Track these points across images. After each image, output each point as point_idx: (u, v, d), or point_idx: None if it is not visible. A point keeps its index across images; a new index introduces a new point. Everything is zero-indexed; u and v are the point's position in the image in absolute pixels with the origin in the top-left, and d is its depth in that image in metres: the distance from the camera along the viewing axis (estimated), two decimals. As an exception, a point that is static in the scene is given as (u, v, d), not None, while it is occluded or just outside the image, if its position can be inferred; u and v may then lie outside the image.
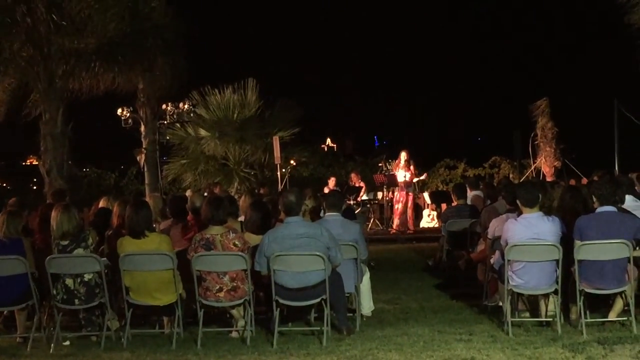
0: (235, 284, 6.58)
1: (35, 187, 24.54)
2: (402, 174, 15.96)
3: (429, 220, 17.25)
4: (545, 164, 19.63)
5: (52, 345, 6.60)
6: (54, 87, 15.97)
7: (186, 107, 19.49)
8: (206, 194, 10.98)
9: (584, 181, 14.30)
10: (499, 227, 7.13)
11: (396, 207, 16.16)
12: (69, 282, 6.70)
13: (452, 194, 11.07)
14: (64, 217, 6.78)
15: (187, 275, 6.65)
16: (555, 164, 19.63)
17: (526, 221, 6.57)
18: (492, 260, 7.31)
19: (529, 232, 6.51)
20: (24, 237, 7.12)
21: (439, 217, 15.89)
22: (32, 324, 6.78)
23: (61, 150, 16.21)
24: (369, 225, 16.47)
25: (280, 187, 16.62)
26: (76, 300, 6.71)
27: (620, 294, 6.48)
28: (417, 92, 35.22)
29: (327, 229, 6.68)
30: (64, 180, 16.02)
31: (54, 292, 6.70)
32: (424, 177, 18.00)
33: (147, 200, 8.52)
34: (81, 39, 15.94)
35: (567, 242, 6.49)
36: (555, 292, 6.52)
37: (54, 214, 6.85)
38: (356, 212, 13.08)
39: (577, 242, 6.37)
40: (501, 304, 6.90)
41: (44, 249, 7.31)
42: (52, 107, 16.02)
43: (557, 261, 6.43)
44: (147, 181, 19.77)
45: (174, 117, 19.56)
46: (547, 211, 6.71)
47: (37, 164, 18.67)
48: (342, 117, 32.65)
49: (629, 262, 6.37)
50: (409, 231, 15.92)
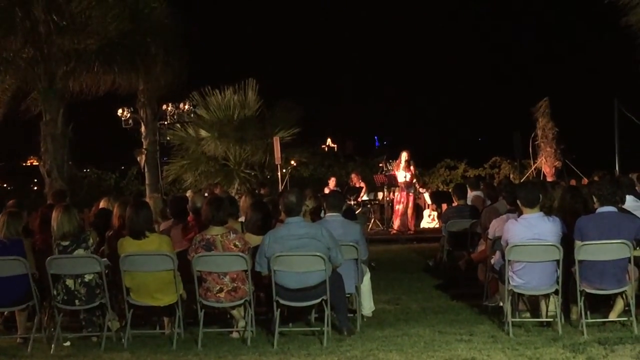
0: (235, 285, 6.58)
1: (35, 188, 24.52)
2: (402, 175, 15.95)
3: (429, 220, 17.25)
4: (545, 164, 19.62)
5: (52, 345, 6.60)
6: (54, 87, 15.97)
7: (186, 107, 19.48)
8: (206, 195, 10.97)
9: (585, 181, 14.32)
10: (499, 227, 7.12)
11: (397, 207, 16.15)
12: (70, 282, 6.70)
13: (452, 194, 11.06)
14: (65, 218, 6.78)
15: (188, 275, 6.65)
16: (555, 164, 19.62)
17: (527, 221, 6.57)
18: (492, 260, 7.31)
19: (529, 233, 6.51)
20: (24, 238, 7.12)
21: (439, 217, 15.88)
22: (33, 324, 6.78)
23: (61, 150, 16.22)
24: (369, 225, 16.46)
25: (280, 188, 16.62)
26: (77, 300, 6.72)
27: (620, 294, 6.48)
28: (418, 92, 35.23)
29: (328, 229, 6.67)
30: (64, 181, 16.03)
31: (55, 292, 6.70)
32: (419, 187, 17.82)
33: (147, 200, 8.52)
34: (81, 39, 15.94)
35: (567, 242, 6.49)
36: (555, 293, 6.51)
37: (54, 214, 6.86)
38: (357, 212, 13.09)
39: (578, 243, 6.37)
40: (502, 305, 6.90)
41: (44, 249, 7.31)
42: (52, 108, 16.03)
43: (558, 261, 6.42)
44: (147, 182, 19.77)
45: (175, 117, 19.55)
46: (548, 211, 6.71)
47: (37, 164, 18.69)
48: (342, 117, 32.61)
49: (630, 263, 6.37)
50: (409, 232, 15.92)
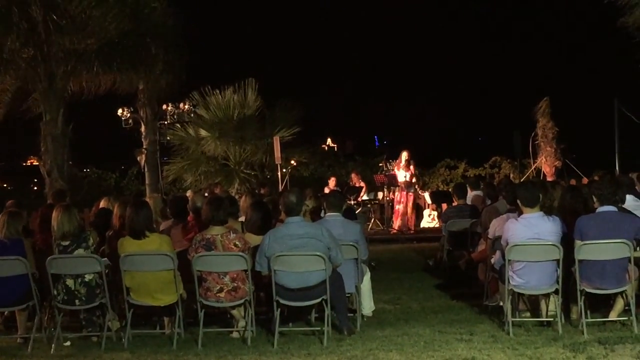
0: (235, 284, 6.58)
1: (35, 188, 24.52)
2: (402, 174, 15.95)
3: (429, 220, 17.24)
4: (545, 163, 19.60)
5: (52, 345, 6.61)
6: (54, 87, 15.96)
7: (186, 107, 19.48)
8: (207, 194, 10.97)
9: (585, 181, 14.32)
10: (499, 227, 7.12)
11: (397, 207, 16.16)
12: (70, 282, 6.70)
13: (452, 194, 11.07)
14: (65, 218, 6.78)
15: (188, 275, 6.65)
16: (555, 163, 19.59)
17: (527, 221, 6.57)
18: (492, 260, 7.31)
19: (529, 232, 6.51)
20: (24, 237, 7.13)
21: (439, 217, 15.88)
22: (33, 324, 6.79)
23: (62, 150, 16.21)
24: (369, 225, 16.46)
25: (280, 188, 16.62)
26: (77, 300, 6.72)
27: (620, 293, 6.48)
28: (418, 92, 35.23)
29: (328, 229, 6.68)
30: (64, 180, 16.03)
31: (55, 292, 6.70)
32: (418, 188, 17.76)
33: (147, 200, 8.52)
34: (81, 39, 15.93)
35: (567, 242, 6.49)
36: (555, 292, 6.51)
37: (54, 214, 6.86)
38: (357, 212, 13.08)
39: (578, 242, 6.37)
40: (502, 304, 6.90)
41: (44, 249, 7.32)
42: (52, 108, 16.02)
43: (558, 261, 6.43)
44: (147, 181, 19.76)
45: (175, 117, 19.55)
46: (548, 211, 6.71)
47: (37, 164, 18.68)
48: (342, 117, 32.64)
49: (630, 262, 6.37)
50: (410, 231, 15.92)
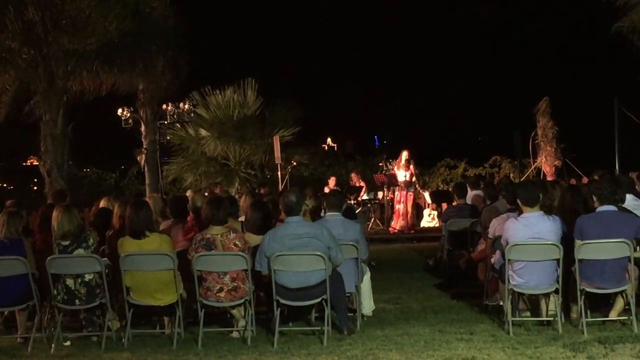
0: (235, 284, 6.58)
1: (35, 188, 24.53)
2: (402, 174, 15.95)
3: (429, 219, 17.24)
4: (545, 163, 19.59)
5: (52, 345, 6.60)
6: (54, 87, 15.97)
7: (186, 107, 19.47)
8: (206, 194, 10.97)
9: (585, 180, 14.30)
10: (499, 226, 7.12)
11: (397, 207, 16.16)
12: (70, 282, 6.70)
13: (452, 193, 11.07)
14: (65, 218, 6.78)
15: (188, 275, 6.65)
16: (555, 163, 19.58)
17: (527, 220, 6.57)
18: (492, 259, 7.31)
19: (529, 232, 6.51)
20: (24, 237, 7.12)
21: (439, 216, 15.87)
22: (33, 324, 6.78)
23: (61, 150, 16.22)
24: (369, 225, 16.46)
25: (280, 187, 16.62)
26: (77, 300, 6.72)
27: (620, 293, 6.48)
28: (418, 91, 35.25)
29: (328, 228, 6.67)
30: (64, 180, 16.05)
31: (55, 292, 6.70)
32: (419, 187, 17.72)
33: (147, 200, 8.51)
34: (81, 39, 15.93)
35: (567, 241, 6.49)
36: (555, 292, 6.51)
37: (54, 214, 6.86)
38: (357, 211, 13.08)
39: (578, 242, 6.37)
40: (502, 304, 6.90)
41: (44, 249, 7.31)
42: (52, 108, 16.03)
43: (558, 260, 6.42)
44: (147, 181, 19.76)
45: (174, 117, 19.54)
46: (548, 210, 6.71)
47: (37, 164, 18.68)
48: (342, 117, 32.62)
49: (630, 261, 6.37)
50: (410, 231, 15.92)
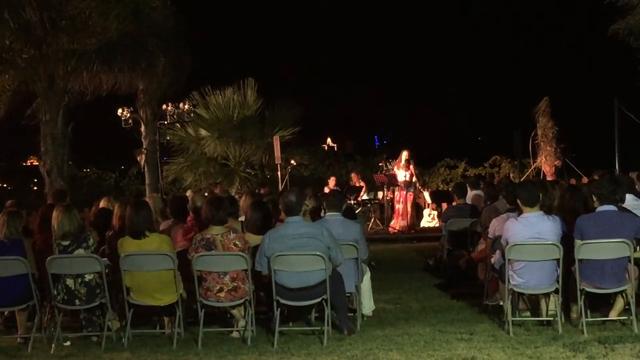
0: (235, 284, 6.58)
1: (35, 188, 24.53)
2: (402, 174, 15.95)
3: (429, 219, 17.24)
4: (545, 163, 19.60)
5: (52, 345, 6.61)
6: (54, 87, 15.96)
7: (186, 107, 19.46)
8: (206, 194, 10.97)
9: (585, 180, 14.30)
10: (499, 226, 7.13)
11: (397, 207, 16.16)
12: (70, 282, 6.70)
13: (452, 193, 11.07)
14: (65, 218, 6.78)
15: (188, 275, 6.65)
16: (555, 163, 19.59)
17: (527, 220, 6.57)
18: (492, 259, 7.31)
19: (529, 232, 6.51)
20: (24, 238, 7.12)
21: (439, 216, 15.88)
22: (33, 324, 6.78)
23: (61, 150, 16.22)
24: (369, 225, 16.46)
25: (280, 187, 16.62)
26: (77, 300, 6.72)
27: (620, 293, 6.48)
28: (418, 91, 35.22)
29: (328, 228, 6.67)
30: (64, 180, 16.04)
31: (55, 292, 6.70)
32: (419, 185, 17.67)
33: (147, 200, 8.51)
34: (81, 39, 15.93)
35: (567, 241, 6.49)
36: (555, 292, 6.52)
37: (55, 214, 6.86)
38: (357, 211, 13.08)
39: (578, 242, 6.37)
40: (502, 304, 6.90)
41: (44, 249, 7.31)
42: (52, 108, 16.02)
43: (558, 260, 6.43)
44: (147, 181, 19.74)
45: (174, 117, 19.53)
46: (548, 210, 6.71)
47: (37, 164, 18.68)
48: (342, 117, 32.60)
49: (630, 261, 6.37)
50: (411, 231, 15.92)
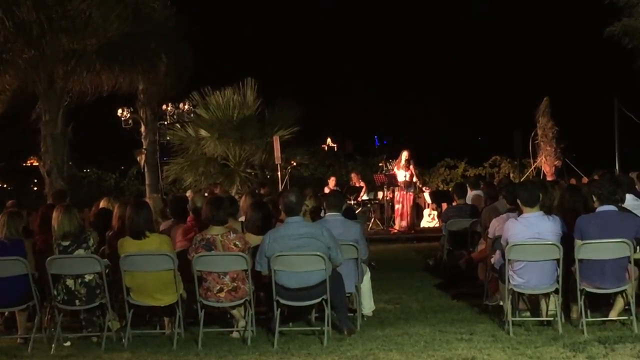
0: (235, 284, 6.58)
1: (35, 188, 24.52)
2: (402, 174, 15.95)
3: (429, 220, 17.25)
4: (545, 163, 19.60)
5: (52, 345, 6.60)
6: (54, 88, 15.96)
7: (186, 107, 19.46)
8: (206, 195, 10.97)
9: (585, 180, 14.30)
10: (499, 226, 7.12)
11: (397, 207, 16.17)
12: (70, 282, 6.70)
13: (452, 193, 11.07)
14: (65, 218, 6.78)
15: (188, 275, 6.65)
16: (555, 163, 19.59)
17: (527, 221, 6.57)
18: (492, 259, 7.30)
19: (529, 232, 6.51)
20: (25, 238, 7.12)
21: (439, 216, 15.88)
22: (33, 324, 6.78)
23: (61, 151, 16.23)
24: (369, 225, 16.46)
25: (280, 188, 16.61)
26: (77, 301, 6.72)
27: (621, 293, 6.48)
28: (418, 91, 35.22)
29: (328, 229, 6.67)
30: (64, 181, 16.05)
31: (55, 292, 6.70)
32: (419, 184, 17.64)
33: (147, 200, 8.51)
34: (82, 39, 15.93)
35: (567, 241, 6.49)
36: (555, 292, 6.51)
37: (55, 214, 6.86)
38: (357, 212, 13.08)
39: (578, 242, 6.37)
40: (502, 304, 6.90)
41: (44, 250, 7.31)
42: (52, 108, 16.03)
43: (558, 260, 6.43)
44: (147, 182, 19.74)
45: (174, 117, 19.53)
46: (548, 210, 6.71)
47: (37, 164, 18.70)
48: (342, 117, 32.59)
49: (630, 261, 6.37)
50: (412, 231, 15.91)
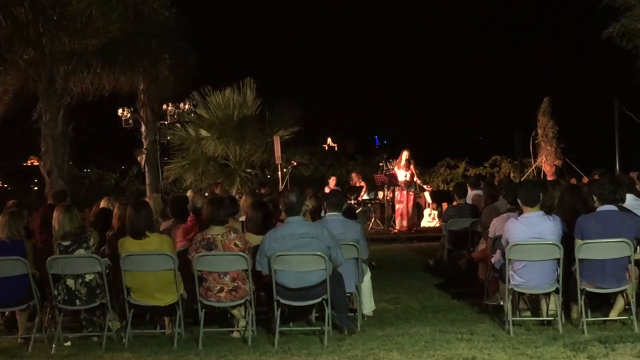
0: (236, 284, 6.58)
1: (36, 188, 24.53)
2: (402, 174, 15.95)
3: (430, 219, 17.24)
4: (546, 163, 19.60)
5: (53, 345, 6.60)
6: (54, 88, 15.96)
7: (187, 107, 19.43)
8: (207, 194, 10.98)
9: (585, 180, 14.30)
10: (499, 226, 7.13)
11: (397, 207, 16.17)
12: (70, 282, 6.70)
13: (453, 193, 11.07)
14: (66, 218, 6.79)
15: (188, 275, 6.65)
16: (556, 163, 19.59)
17: (527, 220, 6.57)
18: (493, 259, 7.30)
19: (529, 232, 6.51)
20: (26, 238, 7.12)
21: (439, 216, 15.88)
22: (34, 324, 6.79)
23: (62, 151, 16.23)
24: (369, 224, 16.47)
25: (281, 187, 16.62)
26: (77, 300, 6.72)
27: (621, 292, 6.48)
28: (418, 91, 35.24)
29: (328, 228, 6.68)
30: (64, 180, 16.05)
31: (55, 292, 6.70)
32: (420, 183, 17.61)
33: (148, 200, 8.52)
34: (82, 39, 15.93)
35: (567, 241, 6.49)
36: (556, 291, 6.52)
37: (55, 214, 6.86)
38: (357, 211, 13.08)
39: (578, 241, 6.37)
40: (502, 303, 6.90)
41: (44, 249, 7.31)
42: (52, 108, 16.03)
43: (558, 260, 6.43)
44: (147, 182, 19.71)
45: (175, 117, 19.51)
46: (548, 210, 6.71)
47: (38, 164, 18.70)
48: (342, 117, 32.60)
49: (630, 261, 6.37)
50: (411, 231, 15.91)
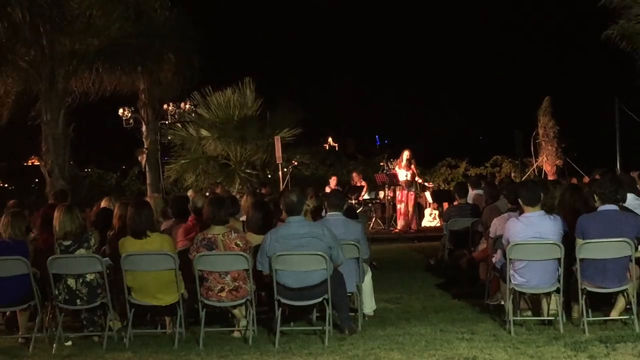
0: (237, 284, 6.59)
1: (37, 188, 24.53)
2: (403, 173, 15.95)
3: (430, 219, 17.24)
4: (546, 162, 19.60)
5: (54, 345, 6.60)
6: (55, 88, 15.97)
7: (187, 107, 19.47)
8: (207, 194, 10.98)
9: (586, 180, 14.30)
10: (500, 226, 7.13)
11: (398, 206, 16.16)
12: (71, 282, 6.70)
13: (453, 193, 11.08)
14: (67, 218, 6.79)
15: (189, 275, 6.66)
16: (556, 162, 19.60)
17: (528, 220, 6.57)
18: (493, 259, 7.31)
19: (530, 231, 6.51)
20: (28, 240, 7.13)
21: (440, 216, 15.88)
22: (34, 324, 6.78)
23: (63, 150, 16.23)
24: (370, 224, 16.47)
25: (281, 187, 16.62)
26: (78, 300, 6.72)
27: (622, 292, 6.48)
28: (419, 91, 35.21)
29: (329, 228, 6.68)
30: (65, 180, 16.05)
31: (56, 292, 6.71)
32: (422, 181, 17.56)
33: (148, 200, 8.52)
34: (83, 40, 15.94)
35: (568, 240, 6.49)
36: (557, 291, 6.52)
37: (56, 214, 6.87)
38: (358, 211, 13.09)
39: (579, 241, 6.37)
40: (503, 303, 6.90)
41: (45, 249, 7.31)
42: (53, 108, 16.03)
43: (559, 260, 6.43)
44: (148, 181, 19.75)
45: (176, 117, 19.55)
46: (549, 210, 6.71)
47: (38, 164, 18.70)
48: (343, 117, 32.59)
49: (631, 261, 6.37)
50: (411, 231, 15.92)
